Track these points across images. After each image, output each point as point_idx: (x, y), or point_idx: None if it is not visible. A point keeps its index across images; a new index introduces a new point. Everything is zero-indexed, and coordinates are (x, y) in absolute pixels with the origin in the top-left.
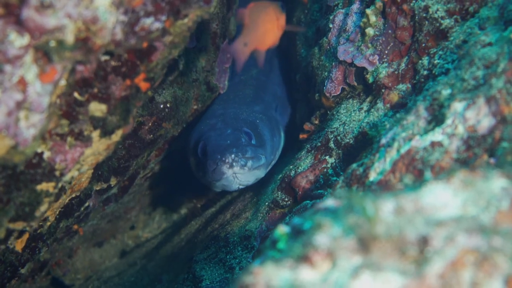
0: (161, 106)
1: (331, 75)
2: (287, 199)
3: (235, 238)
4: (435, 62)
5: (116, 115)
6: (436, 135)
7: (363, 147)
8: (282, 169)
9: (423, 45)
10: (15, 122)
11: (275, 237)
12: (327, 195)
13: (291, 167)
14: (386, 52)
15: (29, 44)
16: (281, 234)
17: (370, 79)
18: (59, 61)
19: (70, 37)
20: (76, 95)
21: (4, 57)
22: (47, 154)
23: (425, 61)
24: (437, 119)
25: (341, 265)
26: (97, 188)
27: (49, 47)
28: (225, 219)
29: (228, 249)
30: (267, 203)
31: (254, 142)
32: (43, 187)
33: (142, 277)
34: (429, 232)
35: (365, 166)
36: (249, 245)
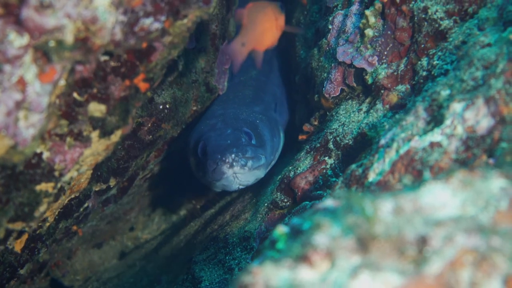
0: (161, 107)
1: (330, 76)
2: (286, 200)
3: (234, 239)
4: (434, 63)
5: (115, 116)
6: (435, 136)
7: (362, 148)
8: (281, 170)
9: (422, 46)
10: (14, 122)
11: (274, 237)
12: (326, 196)
13: (290, 168)
14: (385, 53)
15: (29, 44)
16: (280, 234)
17: (369, 80)
18: (59, 61)
19: (69, 37)
20: (75, 95)
21: (3, 57)
22: (46, 154)
23: (424, 62)
24: (436, 120)
25: (340, 265)
26: (96, 189)
27: (48, 47)
28: (225, 220)
29: (227, 250)
30: (266, 204)
31: (254, 142)
32: (42, 187)
33: (141, 278)
34: (428, 232)
35: (364, 166)
36: (248, 246)
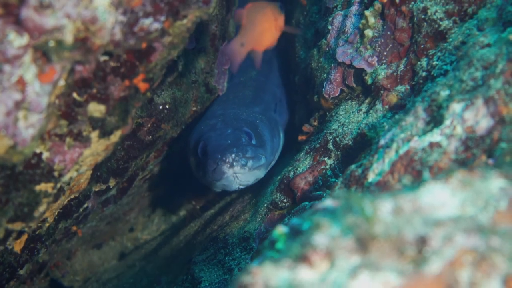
0: (160, 107)
1: (330, 76)
2: (286, 201)
3: (234, 239)
4: (434, 63)
5: (115, 116)
6: (434, 136)
7: (362, 148)
8: (281, 171)
9: (422, 47)
10: (14, 122)
11: (273, 238)
12: (326, 196)
13: (290, 168)
14: (384, 53)
15: (28, 44)
16: (279, 234)
17: (369, 81)
18: (58, 61)
19: (69, 37)
20: (75, 95)
21: (3, 57)
22: (46, 154)
23: (424, 62)
24: (435, 120)
25: (340, 265)
26: (96, 189)
27: (48, 47)
28: (224, 220)
29: (227, 250)
30: (266, 205)
31: (254, 142)
32: (41, 187)
33: (141, 279)
34: (427, 232)
35: (363, 167)
36: (248, 247)
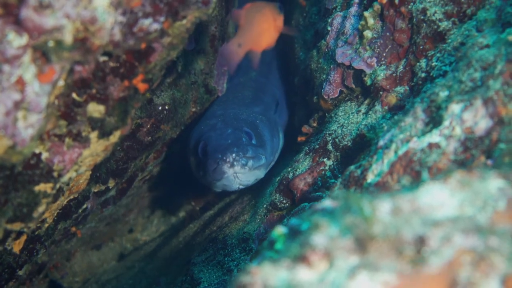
0: (160, 108)
1: (329, 77)
2: (285, 202)
3: (233, 240)
4: (433, 64)
5: (114, 116)
6: (433, 137)
7: (361, 149)
8: (280, 172)
9: (421, 48)
10: (13, 122)
11: (272, 238)
12: (325, 197)
13: (289, 169)
14: (384, 54)
15: (28, 44)
16: (278, 235)
17: (368, 82)
18: (58, 61)
19: (68, 37)
20: (74, 95)
21: (2, 57)
22: (45, 155)
23: (423, 63)
24: (434, 121)
25: (338, 265)
26: (95, 190)
27: (47, 47)
28: (224, 221)
29: (226, 251)
30: (265, 206)
31: (254, 142)
32: (41, 188)
33: (140, 280)
34: (426, 232)
35: (363, 168)
36: (247, 248)
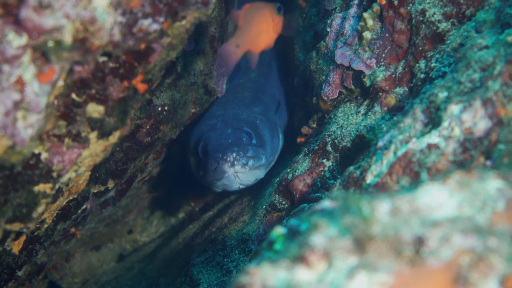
0: (159, 109)
1: (328, 78)
2: (284, 202)
3: (233, 241)
4: (432, 65)
5: (113, 117)
6: (432, 138)
7: (360, 150)
8: (279, 173)
9: (420, 49)
10: (12, 122)
11: (272, 239)
12: (325, 198)
13: (288, 170)
14: (383, 55)
15: (27, 44)
16: (278, 235)
17: (367, 83)
18: (57, 62)
19: (68, 37)
20: (73, 96)
21: (2, 57)
22: (44, 155)
23: (422, 64)
24: (433, 122)
25: (337, 265)
26: (95, 190)
27: (47, 47)
28: (223, 222)
29: (225, 252)
30: (264, 207)
31: (254, 142)
32: (40, 188)
33: (139, 281)
34: (425, 232)
35: (362, 168)
36: (246, 249)
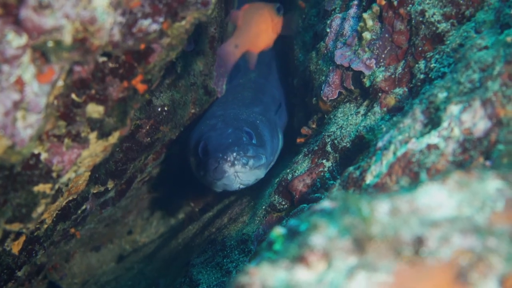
0: (159, 109)
1: (328, 79)
2: (284, 203)
3: (232, 242)
4: (432, 65)
5: (113, 117)
6: (432, 138)
7: (360, 150)
8: (279, 173)
9: (420, 49)
10: (12, 122)
11: (271, 239)
12: (324, 198)
13: (288, 170)
14: (383, 56)
15: (27, 44)
16: (277, 235)
17: (367, 83)
18: (57, 62)
19: (67, 37)
20: (73, 96)
21: (1, 57)
22: (44, 155)
23: (422, 65)
24: (433, 122)
25: (337, 266)
26: (94, 191)
27: (46, 47)
28: (223, 223)
29: (225, 253)
30: (264, 207)
31: (254, 141)
32: (40, 188)
33: (139, 281)
34: (424, 232)
35: (361, 169)
36: (246, 249)
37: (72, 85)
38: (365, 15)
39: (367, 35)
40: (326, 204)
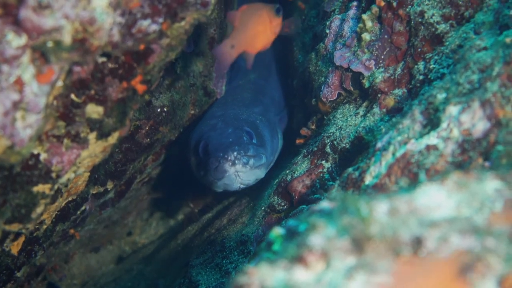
0: (158, 110)
1: (327, 80)
2: (283, 204)
3: (232, 243)
4: (431, 67)
5: (112, 117)
6: (431, 139)
7: (359, 151)
8: (278, 174)
9: (419, 50)
10: (11, 122)
11: (270, 239)
12: (323, 199)
13: (287, 171)
14: (382, 57)
15: (27, 44)
16: (276, 236)
17: (366, 84)
18: (56, 62)
19: (67, 37)
20: (73, 96)
21: (1, 57)
22: (43, 155)
23: (421, 66)
24: (432, 123)
25: (335, 266)
26: (94, 191)
27: (46, 48)
28: (222, 224)
29: (224, 254)
30: (263, 208)
31: (255, 141)
32: (39, 188)
33: (138, 282)
34: (423, 233)
35: (361, 170)
36: (245, 250)
37: (71, 86)
38: (364, 16)
39: (366, 36)
40: (325, 204)
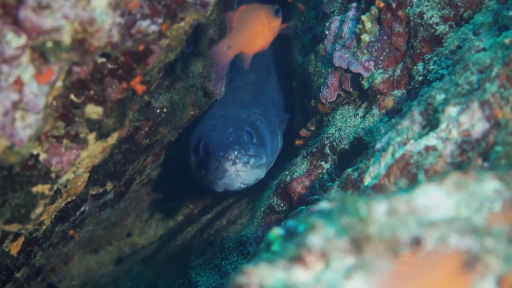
0: (158, 111)
1: (327, 81)
2: (282, 205)
3: (231, 243)
4: (430, 67)
5: (112, 118)
6: (430, 140)
7: (358, 152)
8: (278, 175)
9: (418, 51)
10: (11, 122)
11: (269, 240)
12: (323, 200)
13: (286, 172)
14: (381, 58)
15: (26, 44)
16: (275, 236)
17: (365, 85)
18: (56, 62)
19: (66, 38)
20: (72, 97)
21: (1, 57)
22: (43, 156)
23: (420, 67)
24: (431, 124)
25: (334, 266)
26: (93, 192)
27: (46, 48)
28: (221, 225)
29: (223, 254)
30: (262, 209)
31: (255, 141)
32: (38, 189)
33: (138, 283)
34: (422, 233)
35: (360, 170)
36: (244, 251)
37: (71, 86)
38: (364, 17)
39: (365, 37)
40: (324, 205)
